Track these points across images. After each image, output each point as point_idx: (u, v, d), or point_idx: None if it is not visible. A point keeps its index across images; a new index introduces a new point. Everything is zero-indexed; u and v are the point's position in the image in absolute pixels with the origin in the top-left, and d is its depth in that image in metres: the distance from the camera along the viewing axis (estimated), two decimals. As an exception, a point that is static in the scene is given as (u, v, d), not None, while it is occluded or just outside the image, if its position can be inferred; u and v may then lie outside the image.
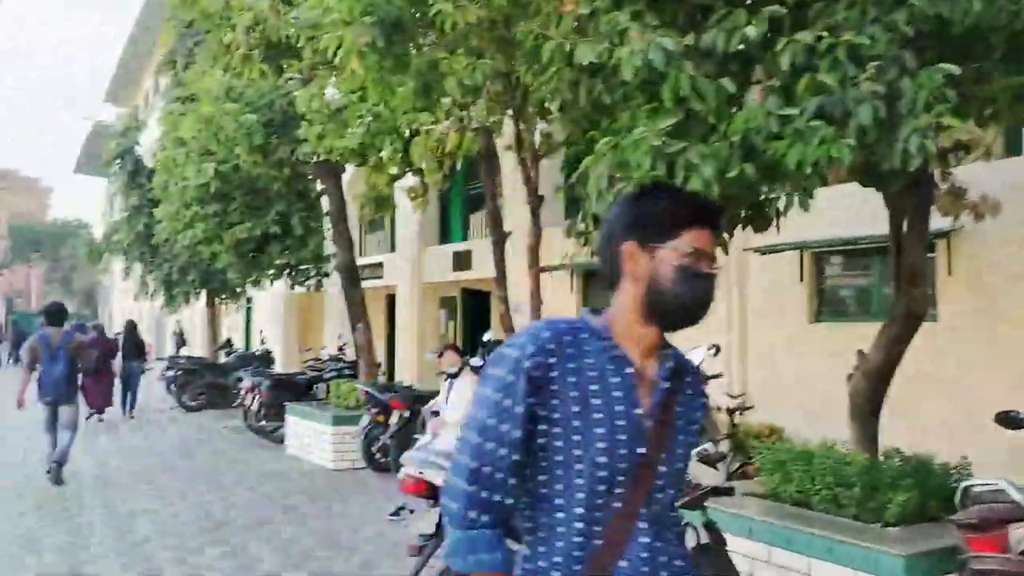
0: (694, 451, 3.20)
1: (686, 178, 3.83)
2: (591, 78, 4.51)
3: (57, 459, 8.80)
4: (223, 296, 17.27)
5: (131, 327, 16.71)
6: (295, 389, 12.11)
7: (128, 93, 38.87)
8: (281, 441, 11.72)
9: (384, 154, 8.49)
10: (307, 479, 9.42)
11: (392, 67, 5.90)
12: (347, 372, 12.47)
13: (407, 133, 8.76)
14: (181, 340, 29.52)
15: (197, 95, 11.21)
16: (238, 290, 16.75)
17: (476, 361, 7.35)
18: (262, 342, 17.00)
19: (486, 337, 9.21)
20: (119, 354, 14.95)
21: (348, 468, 9.91)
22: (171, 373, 18.09)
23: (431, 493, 4.84)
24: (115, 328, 34.41)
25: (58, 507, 8.03)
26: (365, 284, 17.25)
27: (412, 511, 7.04)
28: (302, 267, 12.46)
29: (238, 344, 21.42)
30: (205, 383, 15.88)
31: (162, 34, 14.54)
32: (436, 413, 7.78)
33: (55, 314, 9.38)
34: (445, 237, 15.34)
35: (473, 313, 16.51)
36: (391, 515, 7.51)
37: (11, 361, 29.55)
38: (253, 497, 8.60)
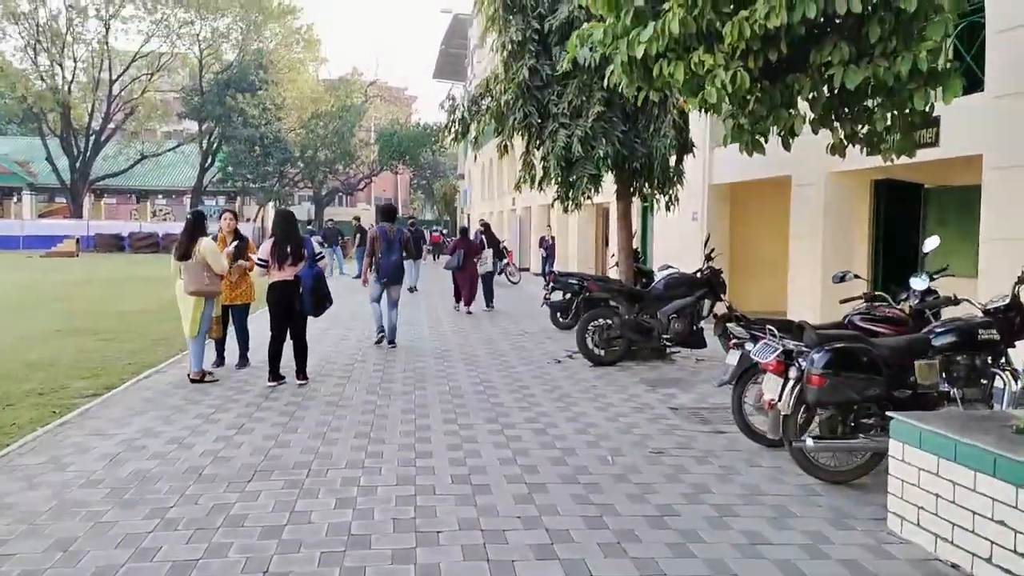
0: None
1: None
2: None
3: (387, 331, 11.27)
4: (653, 180, 10.58)
5: (483, 227, 17.75)
6: (874, 370, 5.47)
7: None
8: (842, 480, 5.33)
9: None
10: None
11: None
12: (990, 339, 5.54)
13: None
14: (550, 251, 24.39)
15: None
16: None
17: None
18: (709, 257, 10.47)
19: None
20: (484, 253, 16.43)
21: None
22: (559, 298, 12.61)
23: None
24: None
25: None
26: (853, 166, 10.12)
27: None
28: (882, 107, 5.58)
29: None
30: (621, 322, 9.91)
31: None
32: None
33: (388, 212, 11.50)
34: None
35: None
36: None
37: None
38: None
